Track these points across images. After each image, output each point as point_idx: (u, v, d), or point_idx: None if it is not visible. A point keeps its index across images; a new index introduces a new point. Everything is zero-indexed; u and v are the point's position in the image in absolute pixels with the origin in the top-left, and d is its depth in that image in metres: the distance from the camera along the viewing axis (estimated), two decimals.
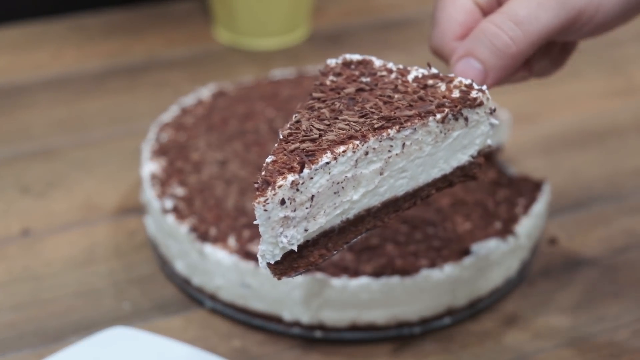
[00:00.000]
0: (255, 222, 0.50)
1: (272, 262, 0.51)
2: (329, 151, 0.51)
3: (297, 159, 0.50)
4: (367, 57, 0.59)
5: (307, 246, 0.52)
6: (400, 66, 0.58)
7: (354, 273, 0.67)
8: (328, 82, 0.57)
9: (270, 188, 0.49)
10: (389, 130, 0.52)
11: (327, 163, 0.50)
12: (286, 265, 0.52)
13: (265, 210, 0.49)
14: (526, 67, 0.64)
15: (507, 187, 0.76)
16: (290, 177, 0.49)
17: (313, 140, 0.51)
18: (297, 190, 0.50)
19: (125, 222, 0.80)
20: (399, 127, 0.53)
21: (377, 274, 0.67)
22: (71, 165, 0.87)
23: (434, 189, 0.57)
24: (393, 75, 0.57)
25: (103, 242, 0.78)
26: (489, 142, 0.57)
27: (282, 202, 0.49)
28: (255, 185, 0.49)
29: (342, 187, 0.52)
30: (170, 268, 0.73)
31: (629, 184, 0.85)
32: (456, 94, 0.55)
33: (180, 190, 0.74)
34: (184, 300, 0.72)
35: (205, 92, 0.87)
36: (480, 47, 0.58)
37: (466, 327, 0.70)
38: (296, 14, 1.08)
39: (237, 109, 0.84)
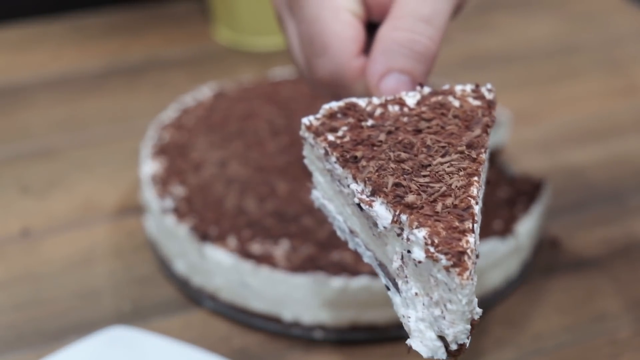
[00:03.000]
0: (453, 307, 0.44)
1: (467, 341, 0.45)
2: (470, 198, 0.46)
3: (455, 217, 0.45)
4: (349, 101, 0.52)
5: None
6: (388, 97, 0.52)
7: (354, 273, 0.67)
8: (337, 140, 0.50)
9: (467, 257, 0.43)
10: (481, 156, 0.48)
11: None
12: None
13: (473, 283, 0.43)
14: None
15: (507, 186, 0.76)
16: (471, 239, 0.44)
17: (444, 195, 0.46)
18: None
19: (124, 222, 0.80)
20: (484, 150, 0.48)
21: (377, 274, 0.67)
22: (71, 165, 0.87)
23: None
24: (394, 108, 0.51)
25: (103, 242, 0.78)
26: None
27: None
28: (449, 263, 0.43)
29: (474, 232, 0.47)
30: (170, 268, 0.73)
31: (629, 184, 0.85)
32: (473, 101, 0.51)
33: (180, 190, 0.74)
34: (184, 301, 0.72)
35: (206, 92, 0.87)
36: (401, 59, 0.53)
37: None
38: None
39: (237, 109, 0.84)
